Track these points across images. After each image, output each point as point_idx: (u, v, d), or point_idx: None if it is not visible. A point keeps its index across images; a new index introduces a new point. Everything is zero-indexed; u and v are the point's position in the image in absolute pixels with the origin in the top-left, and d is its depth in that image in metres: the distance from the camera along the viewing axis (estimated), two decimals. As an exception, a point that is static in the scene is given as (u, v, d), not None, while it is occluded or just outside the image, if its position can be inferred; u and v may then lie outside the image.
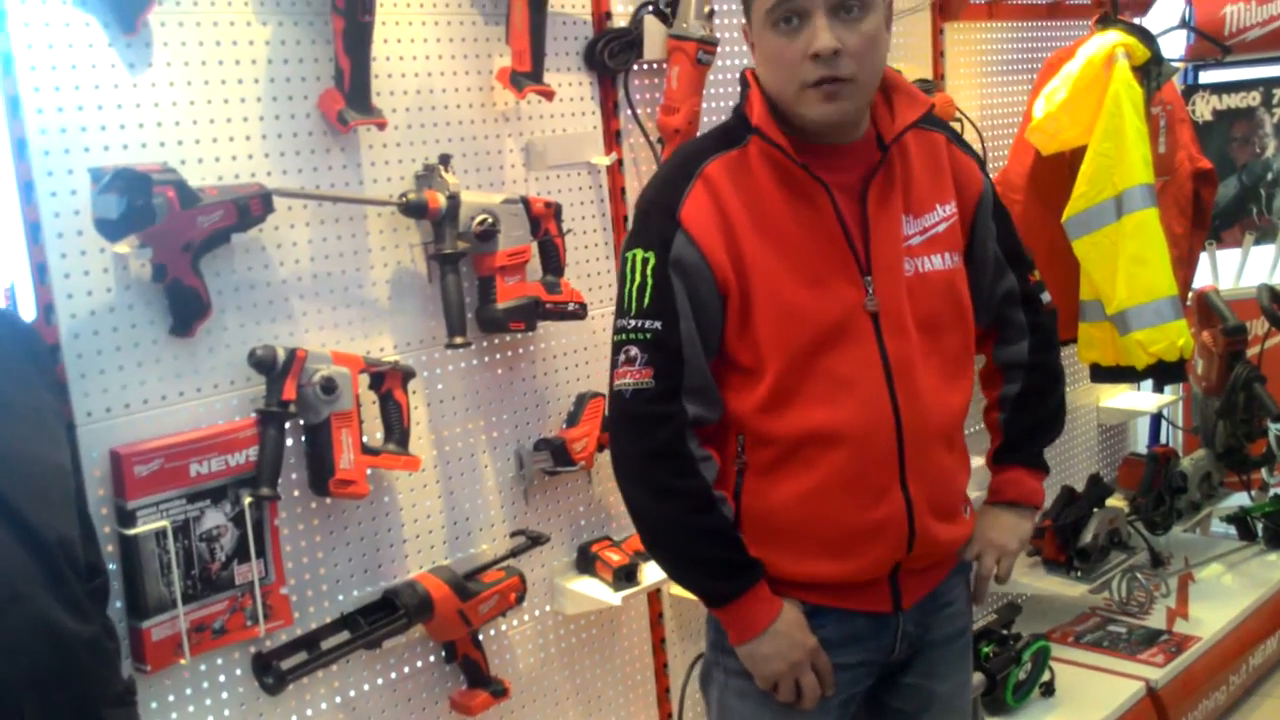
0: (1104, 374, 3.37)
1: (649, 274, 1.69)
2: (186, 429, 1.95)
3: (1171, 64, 3.36)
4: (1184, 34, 4.10)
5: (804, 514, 1.74)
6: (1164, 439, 4.58)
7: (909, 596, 1.83)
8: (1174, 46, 4.03)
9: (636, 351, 1.69)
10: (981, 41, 3.63)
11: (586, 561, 2.57)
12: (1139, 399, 4.26)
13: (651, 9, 2.56)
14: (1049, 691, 3.18)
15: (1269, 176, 4.43)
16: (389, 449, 2.19)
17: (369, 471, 2.15)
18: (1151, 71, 3.21)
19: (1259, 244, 4.47)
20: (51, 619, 1.41)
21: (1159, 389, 4.19)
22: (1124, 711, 3.15)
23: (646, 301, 1.69)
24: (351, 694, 2.22)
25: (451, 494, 2.38)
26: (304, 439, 2.09)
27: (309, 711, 2.15)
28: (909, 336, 1.73)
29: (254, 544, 1.99)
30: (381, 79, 2.19)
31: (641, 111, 2.63)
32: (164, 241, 1.85)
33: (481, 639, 2.37)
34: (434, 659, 2.35)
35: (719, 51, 2.63)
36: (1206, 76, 4.45)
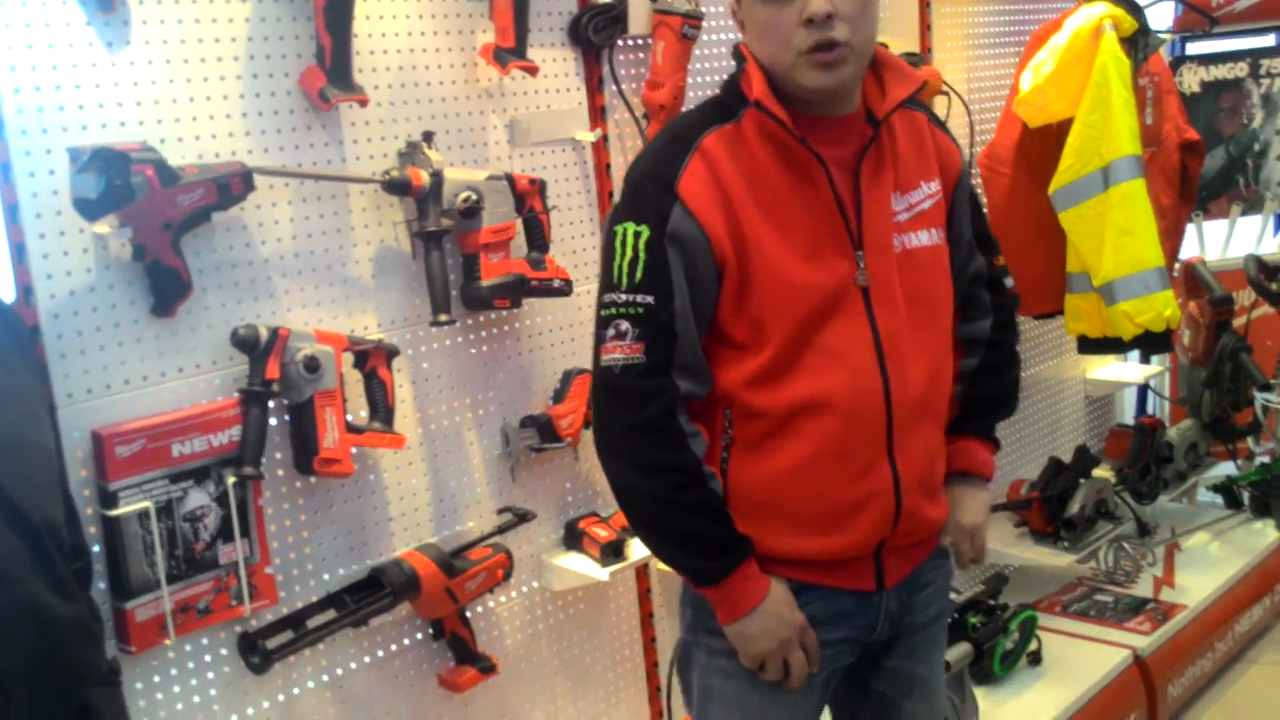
0: (1091, 345, 3.37)
1: (641, 247, 1.66)
2: (169, 409, 1.94)
3: (1159, 35, 3.35)
4: (1171, 5, 4.09)
5: (791, 488, 1.73)
6: (1151, 409, 4.59)
7: (892, 575, 1.83)
8: (1161, 17, 4.02)
9: (627, 326, 1.67)
10: (969, 14, 3.61)
11: (573, 537, 2.57)
12: (1126, 370, 4.27)
13: (636, -17, 2.54)
14: (1036, 661, 3.20)
15: (1256, 147, 4.43)
16: (374, 427, 2.19)
17: (354, 450, 2.15)
18: (1139, 43, 3.20)
19: (1245, 215, 4.47)
20: (39, 601, 1.41)
21: (1146, 360, 4.21)
22: (1111, 680, 3.17)
23: (639, 276, 1.66)
24: (338, 672, 2.22)
25: (437, 471, 2.38)
26: (288, 418, 2.09)
27: (295, 690, 2.16)
28: (898, 311, 1.74)
29: (238, 524, 1.99)
30: (363, 55, 2.17)
31: (626, 87, 2.62)
32: (144, 221, 1.84)
33: (469, 616, 2.37)
34: (421, 636, 2.35)
35: (704, 26, 2.61)
36: (1194, 48, 4.44)
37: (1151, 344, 3.29)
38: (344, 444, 2.10)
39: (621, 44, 2.60)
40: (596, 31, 2.51)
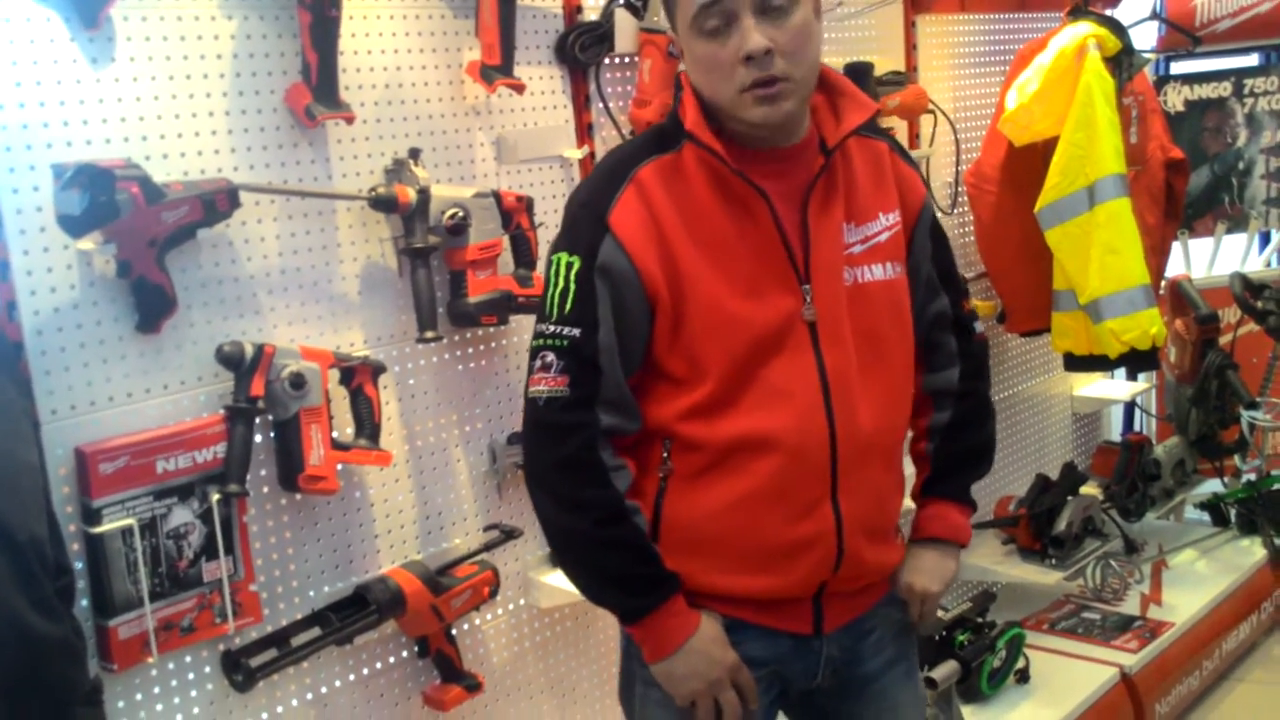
0: (1077, 363, 3.39)
1: (572, 279, 1.62)
2: (153, 426, 1.94)
3: (1143, 55, 3.37)
4: (1155, 25, 4.11)
5: (730, 524, 1.67)
6: (1138, 427, 4.61)
7: (831, 620, 1.76)
8: (1145, 37, 4.04)
9: (553, 358, 1.63)
10: (954, 34, 3.63)
11: (560, 555, 2.56)
12: (1112, 387, 4.28)
13: (623, 2, 2.55)
14: (1024, 678, 3.19)
15: (1240, 166, 4.46)
16: (360, 444, 2.18)
17: (339, 467, 2.14)
18: (1123, 62, 3.22)
19: (1231, 233, 4.49)
20: (22, 620, 1.40)
21: (1132, 377, 4.22)
22: (1098, 697, 3.16)
23: (568, 307, 1.62)
24: (323, 690, 2.21)
25: (424, 489, 2.37)
26: (273, 435, 2.08)
27: (279, 709, 2.15)
28: (846, 347, 1.68)
29: (222, 541, 1.98)
30: (349, 73, 2.18)
31: (613, 105, 2.63)
32: (128, 237, 1.84)
33: (455, 634, 2.36)
34: (406, 654, 2.34)
35: (690, 43, 2.62)
36: (1178, 67, 4.48)
37: (1138, 361, 3.31)
38: (329, 461, 2.09)
39: (608, 62, 2.61)
40: (583, 50, 2.52)
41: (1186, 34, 3.88)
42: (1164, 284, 3.92)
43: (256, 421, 2.02)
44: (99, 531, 1.85)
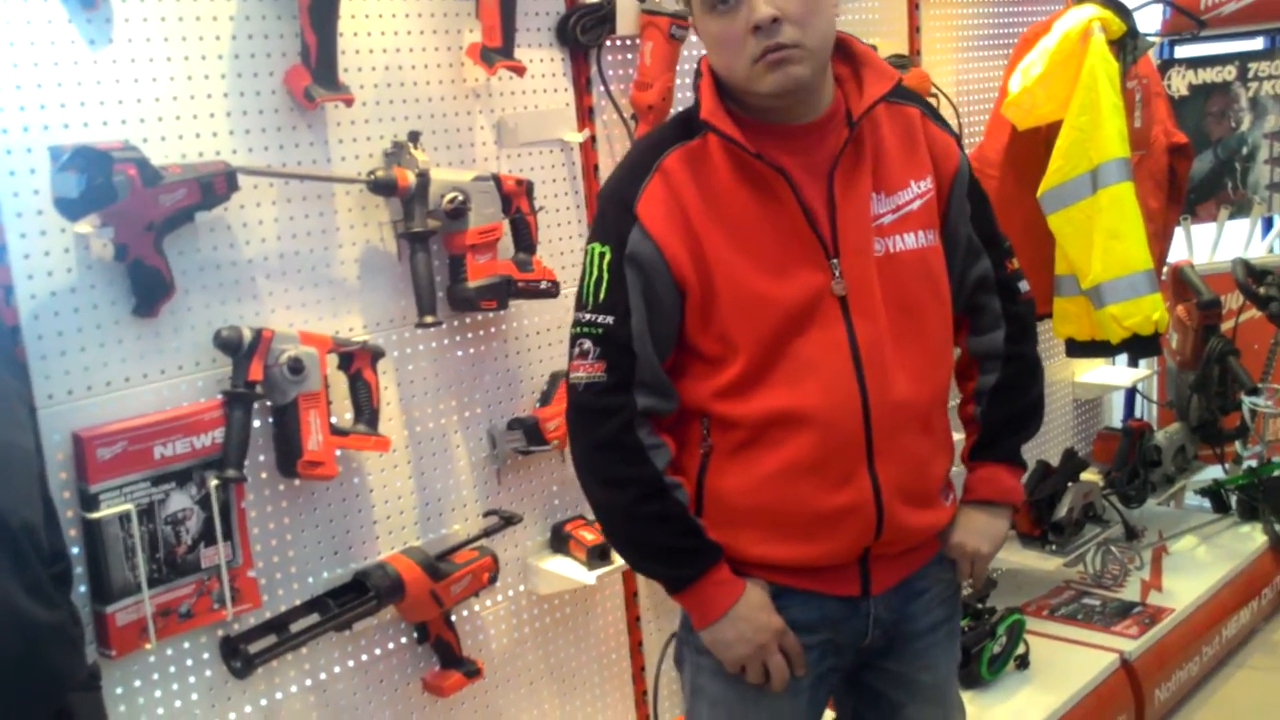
0: (1079, 348, 3.37)
1: (605, 268, 1.69)
2: (151, 411, 1.93)
3: (1147, 38, 3.34)
4: (1160, 8, 4.09)
5: (769, 497, 1.72)
6: (1139, 413, 4.59)
7: (880, 582, 1.80)
8: (1150, 21, 4.02)
9: (590, 345, 1.70)
10: (957, 17, 3.61)
11: (560, 541, 2.56)
12: (1114, 373, 4.27)
13: (624, -17, 2.53)
14: (1024, 664, 3.19)
15: (1244, 150, 4.44)
16: (358, 429, 2.17)
17: (338, 452, 2.13)
18: (1127, 46, 3.20)
19: (1234, 218, 4.48)
20: (17, 606, 1.39)
21: (1134, 363, 4.21)
22: (1098, 683, 3.16)
23: (601, 296, 1.69)
24: (322, 676, 2.21)
25: (423, 474, 2.36)
26: (271, 420, 2.07)
27: (278, 695, 2.14)
28: (878, 319, 1.70)
29: (221, 526, 1.97)
30: (349, 55, 2.16)
31: (614, 88, 2.61)
32: (126, 220, 1.83)
33: (454, 620, 2.36)
34: (406, 640, 2.34)
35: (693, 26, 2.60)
36: (1182, 51, 4.45)
37: (1140, 347, 3.29)
38: (328, 446, 2.08)
39: (609, 44, 2.59)
40: (584, 32, 2.50)
41: (1191, 17, 3.86)
42: (1166, 269, 3.90)
43: (255, 406, 2.00)
44: (96, 517, 1.84)
